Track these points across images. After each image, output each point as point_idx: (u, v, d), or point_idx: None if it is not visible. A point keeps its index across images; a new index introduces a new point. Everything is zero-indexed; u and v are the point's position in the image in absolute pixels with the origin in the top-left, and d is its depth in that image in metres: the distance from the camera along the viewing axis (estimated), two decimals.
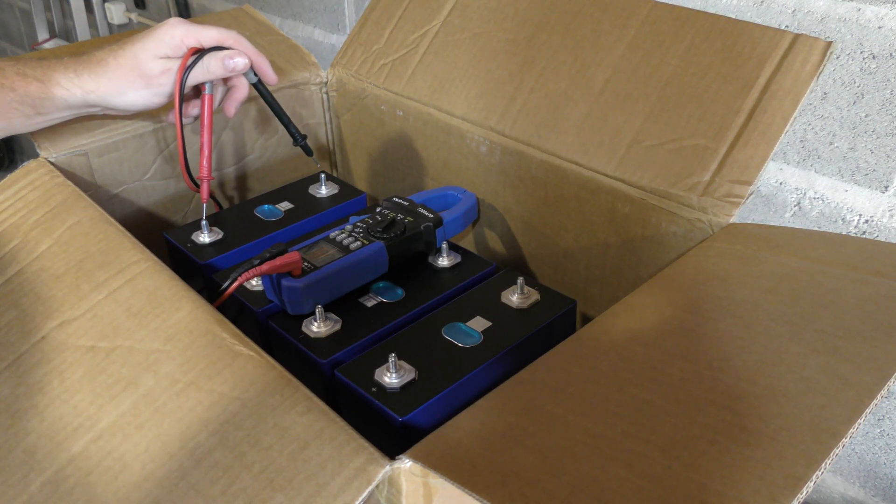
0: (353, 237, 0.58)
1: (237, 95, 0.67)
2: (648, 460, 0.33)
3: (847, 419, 0.34)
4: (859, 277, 0.45)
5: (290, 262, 0.54)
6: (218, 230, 0.66)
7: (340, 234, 0.59)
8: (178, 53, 0.62)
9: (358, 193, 0.73)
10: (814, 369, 0.38)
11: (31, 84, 0.59)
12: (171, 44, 0.62)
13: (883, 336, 0.40)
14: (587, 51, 0.65)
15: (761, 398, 0.36)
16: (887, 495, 0.82)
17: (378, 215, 0.61)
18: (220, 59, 0.63)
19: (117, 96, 0.61)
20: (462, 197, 0.69)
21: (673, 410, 0.36)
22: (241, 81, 0.67)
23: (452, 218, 0.64)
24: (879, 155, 0.71)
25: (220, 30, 0.63)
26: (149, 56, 0.61)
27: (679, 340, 0.42)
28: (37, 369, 0.45)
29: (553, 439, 0.35)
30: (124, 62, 0.60)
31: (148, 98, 0.63)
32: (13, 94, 0.58)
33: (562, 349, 0.43)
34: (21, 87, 0.58)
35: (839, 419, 0.34)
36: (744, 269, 0.48)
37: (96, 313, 0.47)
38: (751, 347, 0.40)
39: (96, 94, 0.60)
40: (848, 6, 0.69)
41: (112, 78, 0.60)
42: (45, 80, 0.59)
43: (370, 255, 0.57)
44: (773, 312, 0.43)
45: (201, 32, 0.62)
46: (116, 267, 0.50)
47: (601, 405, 0.37)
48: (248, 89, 0.68)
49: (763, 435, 0.34)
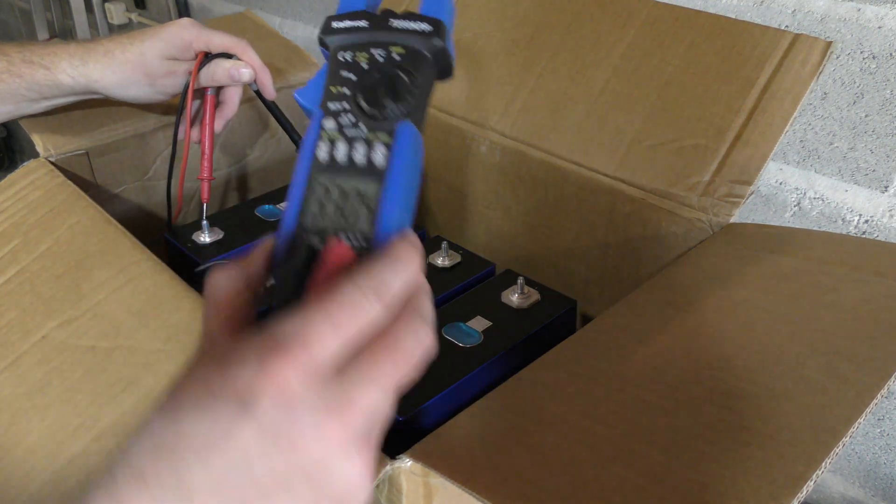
0: (353, 140, 0.33)
1: (226, 112, 0.68)
2: (648, 460, 0.33)
3: (847, 419, 0.34)
4: (859, 277, 0.45)
5: (343, 260, 0.31)
6: (218, 230, 0.67)
7: (328, 146, 0.33)
8: (184, 56, 0.62)
9: None
10: (814, 369, 0.38)
11: (38, 71, 0.60)
12: (180, 46, 0.62)
13: (883, 336, 0.40)
14: (587, 51, 0.65)
15: (761, 398, 0.36)
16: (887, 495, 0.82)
17: (352, 71, 0.34)
18: (227, 68, 0.63)
19: (120, 89, 0.62)
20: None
21: (673, 410, 0.36)
22: (233, 99, 0.67)
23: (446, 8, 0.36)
24: (879, 155, 0.71)
25: (230, 37, 0.63)
26: (156, 55, 0.61)
27: (679, 341, 0.42)
28: (37, 369, 0.45)
29: (553, 439, 0.35)
30: (131, 57, 0.61)
31: (150, 94, 0.64)
32: (20, 81, 0.60)
33: (562, 349, 0.43)
34: (28, 75, 0.59)
35: (839, 419, 0.34)
36: (744, 270, 0.48)
37: (96, 313, 0.47)
38: (751, 347, 0.40)
39: (100, 83, 0.61)
40: (848, 6, 0.69)
41: (117, 71, 0.61)
42: (51, 67, 0.60)
43: (408, 165, 0.32)
44: (774, 312, 0.43)
45: (212, 38, 0.63)
46: (117, 267, 0.50)
47: (601, 405, 0.37)
48: (237, 106, 0.68)
49: (763, 434, 0.34)
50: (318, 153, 0.33)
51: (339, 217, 0.32)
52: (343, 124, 0.33)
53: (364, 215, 0.31)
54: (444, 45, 0.33)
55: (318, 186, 0.32)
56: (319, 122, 0.33)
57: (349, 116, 0.33)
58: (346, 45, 0.34)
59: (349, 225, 0.31)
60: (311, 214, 0.32)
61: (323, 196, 0.32)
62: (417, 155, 0.33)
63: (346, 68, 0.34)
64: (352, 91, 0.33)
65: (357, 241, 0.31)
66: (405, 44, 0.34)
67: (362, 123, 0.33)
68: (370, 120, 0.33)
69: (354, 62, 0.34)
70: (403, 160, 0.32)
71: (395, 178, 0.32)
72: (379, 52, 0.34)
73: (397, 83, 0.33)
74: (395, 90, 0.33)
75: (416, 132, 0.33)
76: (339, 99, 0.33)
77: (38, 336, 0.47)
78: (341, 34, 0.34)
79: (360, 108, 0.33)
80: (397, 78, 0.33)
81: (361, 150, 0.32)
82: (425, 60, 0.34)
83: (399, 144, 0.32)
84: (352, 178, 0.32)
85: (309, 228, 0.32)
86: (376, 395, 0.26)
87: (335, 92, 0.34)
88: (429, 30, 0.33)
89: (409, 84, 0.33)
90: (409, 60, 0.34)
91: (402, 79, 0.33)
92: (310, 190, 0.32)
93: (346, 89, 0.33)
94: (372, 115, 0.33)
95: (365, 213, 0.31)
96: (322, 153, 0.33)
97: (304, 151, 0.33)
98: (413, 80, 0.33)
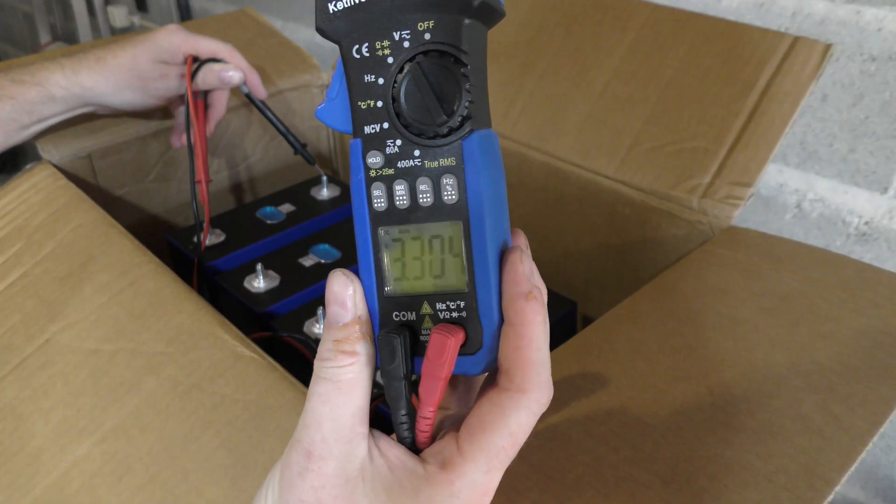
0: (410, 175, 0.25)
1: (215, 114, 0.69)
2: (650, 492, 0.34)
3: (841, 466, 0.35)
4: (856, 307, 0.46)
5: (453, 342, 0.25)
6: (220, 232, 0.67)
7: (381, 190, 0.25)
8: (174, 59, 0.63)
9: None
10: (810, 406, 0.39)
11: (31, 90, 0.59)
12: (169, 49, 0.63)
13: (877, 376, 0.41)
14: (587, 53, 0.65)
15: (759, 433, 0.37)
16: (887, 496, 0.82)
17: (376, 72, 0.25)
18: (217, 72, 0.65)
19: (114, 95, 0.62)
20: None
21: (674, 439, 0.37)
22: (221, 101, 0.68)
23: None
24: (879, 157, 0.72)
25: (217, 42, 0.65)
26: (147, 59, 0.62)
27: (680, 358, 0.42)
28: (41, 372, 0.45)
29: (556, 457, 0.36)
30: (124, 62, 0.61)
31: (142, 99, 0.64)
32: (12, 104, 0.59)
33: (562, 353, 0.43)
34: (20, 95, 0.59)
35: (833, 465, 0.35)
36: (744, 283, 0.48)
37: (99, 316, 0.47)
38: (751, 375, 0.41)
39: (93, 91, 0.61)
40: (847, 9, 0.69)
41: (109, 77, 0.61)
42: (43, 83, 0.60)
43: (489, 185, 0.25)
44: (773, 337, 0.44)
45: (199, 43, 0.64)
46: (119, 269, 0.50)
47: (604, 424, 0.38)
48: (225, 108, 0.69)
49: (760, 475, 0.35)
50: (373, 202, 0.25)
51: (426, 276, 0.25)
52: (390, 155, 0.25)
53: (454, 271, 0.25)
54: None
55: (387, 242, 0.25)
56: (361, 158, 0.25)
57: (394, 143, 0.25)
58: (358, 34, 0.24)
59: (440, 285, 0.25)
60: (392, 281, 0.25)
61: (398, 253, 0.25)
62: (496, 163, 0.25)
63: (367, 69, 0.25)
64: (385, 104, 0.24)
65: (457, 310, 0.25)
66: (435, 13, 0.23)
67: (414, 149, 0.24)
68: (422, 140, 0.24)
69: (374, 57, 0.24)
70: (481, 183, 0.24)
71: (478, 210, 0.24)
72: (404, 33, 0.24)
73: (443, 80, 0.23)
74: (442, 92, 0.23)
75: (485, 137, 0.24)
76: (373, 119, 0.25)
77: (42, 339, 0.47)
78: (344, 18, 0.24)
79: (404, 126, 0.24)
80: (440, 72, 0.23)
81: (425, 187, 0.24)
82: (469, 30, 0.23)
83: (470, 165, 0.24)
84: (425, 223, 0.25)
85: (395, 299, 0.26)
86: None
87: (365, 108, 0.25)
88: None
89: (458, 75, 0.23)
90: (447, 36, 0.23)
91: (447, 70, 0.23)
92: (378, 249, 0.25)
93: (378, 102, 0.25)
94: (421, 132, 0.24)
95: (456, 267, 0.25)
96: (378, 201, 0.25)
97: (356, 200, 0.25)
98: (461, 68, 0.23)
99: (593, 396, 0.40)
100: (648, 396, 0.39)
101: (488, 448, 0.24)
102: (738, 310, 0.46)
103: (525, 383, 0.24)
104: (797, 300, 0.47)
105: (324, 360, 0.25)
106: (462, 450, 0.25)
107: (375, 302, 0.26)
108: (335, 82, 0.26)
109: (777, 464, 0.35)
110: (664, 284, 0.49)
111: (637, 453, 0.36)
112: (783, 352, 0.42)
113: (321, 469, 0.25)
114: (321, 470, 0.25)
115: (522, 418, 0.25)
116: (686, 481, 0.34)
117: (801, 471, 0.35)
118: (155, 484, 0.38)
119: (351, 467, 0.25)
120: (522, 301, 0.24)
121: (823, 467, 0.35)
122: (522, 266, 0.24)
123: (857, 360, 0.42)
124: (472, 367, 0.25)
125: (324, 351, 0.26)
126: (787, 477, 0.34)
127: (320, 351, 0.26)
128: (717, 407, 0.39)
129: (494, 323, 0.25)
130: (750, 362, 0.42)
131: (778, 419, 0.38)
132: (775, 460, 0.35)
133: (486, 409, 0.25)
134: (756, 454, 0.36)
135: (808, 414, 0.38)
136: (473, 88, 0.23)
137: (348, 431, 0.25)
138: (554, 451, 0.36)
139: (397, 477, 0.25)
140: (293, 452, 0.25)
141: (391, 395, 0.26)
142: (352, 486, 0.25)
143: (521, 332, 0.24)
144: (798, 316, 0.45)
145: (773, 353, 0.42)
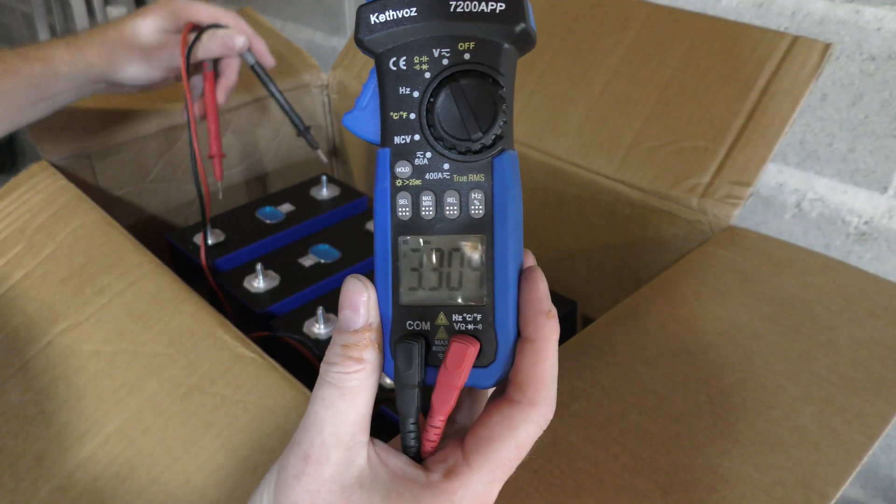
0: (439, 188, 0.26)
1: (226, 82, 0.67)
2: (650, 502, 0.34)
3: (836, 481, 0.35)
4: (854, 316, 0.46)
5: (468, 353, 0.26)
6: (220, 232, 0.67)
7: (407, 199, 0.26)
8: (176, 26, 0.62)
9: (359, 195, 0.73)
10: (808, 418, 0.39)
11: (35, 65, 0.59)
12: (169, 17, 0.61)
13: (873, 389, 0.41)
14: (587, 53, 0.65)
15: (758, 444, 0.37)
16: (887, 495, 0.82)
17: (413, 85, 0.26)
18: (220, 37, 0.63)
19: (118, 69, 0.61)
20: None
21: (674, 448, 0.37)
22: (231, 68, 0.66)
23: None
24: (879, 156, 0.72)
25: (218, 8, 0.63)
26: (148, 29, 0.61)
27: (680, 364, 0.42)
28: (44, 375, 0.45)
29: (556, 463, 0.36)
30: (126, 34, 0.60)
31: (147, 72, 0.62)
32: (17, 79, 0.58)
33: (562, 353, 0.43)
34: (24, 70, 0.58)
35: (829, 479, 0.35)
36: (744, 288, 0.48)
37: (100, 317, 0.48)
38: (750, 384, 0.41)
39: (98, 67, 0.60)
40: (847, 8, 0.69)
41: (112, 50, 0.60)
42: (47, 59, 0.59)
43: (513, 203, 0.26)
44: (772, 345, 0.44)
45: (200, 9, 0.62)
46: (119, 270, 0.50)
47: (604, 429, 0.38)
48: (237, 76, 0.67)
49: (758, 488, 0.35)
50: (398, 211, 0.26)
51: (443, 287, 0.26)
52: (419, 166, 0.25)
53: (473, 284, 0.25)
54: (526, 27, 0.25)
55: (407, 253, 0.26)
56: (389, 167, 0.26)
57: (424, 154, 0.25)
58: (397, 48, 0.25)
59: (457, 297, 0.26)
60: (409, 290, 0.26)
61: (417, 265, 0.26)
62: (518, 182, 0.26)
63: (402, 81, 0.25)
64: (418, 116, 0.25)
65: (473, 322, 0.26)
66: (476, 35, 0.25)
67: (444, 162, 0.25)
68: (453, 154, 0.25)
69: (412, 71, 0.25)
70: (508, 200, 0.25)
71: (503, 226, 0.25)
72: (444, 50, 0.25)
73: (480, 99, 0.25)
74: (478, 111, 0.25)
75: (513, 157, 0.25)
76: (404, 130, 0.26)
77: (44, 342, 0.47)
78: (385, 31, 0.25)
79: (436, 139, 0.25)
80: (479, 91, 0.25)
81: (452, 200, 0.25)
82: (506, 55, 0.25)
83: (499, 182, 0.25)
84: (448, 234, 0.26)
85: (411, 308, 0.26)
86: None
87: (396, 119, 0.26)
88: (502, 8, 0.24)
89: (496, 96, 0.25)
90: (486, 58, 0.25)
91: (486, 90, 0.25)
92: (398, 258, 0.26)
93: (411, 114, 0.25)
94: (453, 146, 0.25)
95: (475, 280, 0.25)
96: (402, 210, 0.26)
97: (379, 208, 0.26)
98: (499, 90, 0.25)
99: (594, 400, 0.40)
100: (648, 402, 0.39)
101: (494, 459, 0.25)
102: (737, 315, 0.46)
103: (537, 398, 0.25)
104: (796, 306, 0.47)
105: (330, 364, 0.25)
106: (468, 459, 0.25)
107: (390, 309, 0.26)
108: (366, 92, 0.26)
109: (775, 476, 0.35)
110: (664, 286, 0.49)
111: (637, 461, 0.36)
112: (782, 360, 0.43)
113: (317, 473, 0.25)
114: (317, 474, 0.25)
115: (530, 431, 0.25)
116: (685, 492, 0.35)
117: (798, 484, 0.35)
118: (157, 486, 0.38)
119: (348, 475, 0.25)
120: (543, 318, 0.25)
121: (820, 481, 0.35)
122: (544, 284, 0.25)
123: (853, 371, 0.42)
124: (484, 379, 0.26)
125: (331, 355, 0.26)
126: (783, 490, 0.35)
127: (328, 354, 0.26)
128: (717, 416, 0.39)
129: (510, 337, 0.25)
130: (749, 370, 0.42)
131: (776, 430, 0.38)
132: (773, 473, 0.36)
133: (496, 420, 0.25)
134: (754, 466, 0.36)
135: (805, 426, 0.38)
136: (507, 109, 0.25)
137: (348, 438, 0.25)
138: (554, 457, 0.36)
139: (397, 485, 0.25)
140: (291, 454, 0.25)
141: (403, 401, 0.26)
142: (348, 493, 0.25)
143: (539, 349, 0.25)
144: (797, 323, 0.46)
145: (771, 361, 0.43)
